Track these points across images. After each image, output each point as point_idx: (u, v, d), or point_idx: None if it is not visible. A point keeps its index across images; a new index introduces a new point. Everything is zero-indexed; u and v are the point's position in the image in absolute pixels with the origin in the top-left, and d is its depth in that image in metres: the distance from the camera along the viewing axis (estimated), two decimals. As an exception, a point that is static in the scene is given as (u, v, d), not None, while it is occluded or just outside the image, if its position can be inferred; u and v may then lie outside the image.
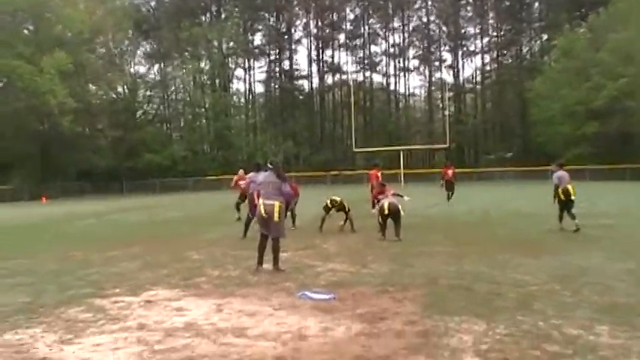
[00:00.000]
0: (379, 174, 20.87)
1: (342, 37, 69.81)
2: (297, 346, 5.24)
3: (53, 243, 14.60)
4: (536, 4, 66.96)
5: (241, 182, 16.88)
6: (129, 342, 5.50)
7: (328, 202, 14.93)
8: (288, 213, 14.04)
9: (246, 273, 9.05)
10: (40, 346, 5.47)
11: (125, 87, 59.25)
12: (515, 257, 9.79)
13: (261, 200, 9.17)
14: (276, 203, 8.96)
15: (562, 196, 13.75)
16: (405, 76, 70.81)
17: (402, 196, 14.57)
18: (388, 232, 12.75)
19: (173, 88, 63.20)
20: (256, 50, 68.53)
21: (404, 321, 5.95)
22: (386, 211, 12.64)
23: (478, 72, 70.19)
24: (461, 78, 69.46)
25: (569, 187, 13.75)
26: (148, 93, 61.83)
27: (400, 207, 12.82)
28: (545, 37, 64.04)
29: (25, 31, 49.11)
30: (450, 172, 24.08)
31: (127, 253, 11.78)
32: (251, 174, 13.93)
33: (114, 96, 57.88)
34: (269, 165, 9.66)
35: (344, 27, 69.90)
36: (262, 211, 9.00)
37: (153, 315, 6.54)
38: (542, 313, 6.12)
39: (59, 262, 10.96)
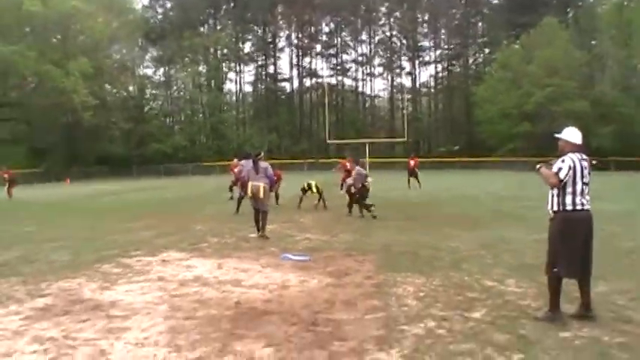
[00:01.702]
0: (347, 164, 20.39)
1: (318, 47, 69.36)
2: (280, 293, 5.75)
3: (81, 216, 14.78)
4: (480, 23, 67.30)
5: (235, 169, 17.18)
6: (152, 289, 5.96)
7: (305, 184, 15.36)
8: (273, 193, 14.49)
9: (239, 240, 9.45)
10: (86, 291, 5.93)
11: (135, 87, 58.92)
12: (454, 230, 10.19)
13: (250, 182, 9.66)
14: (261, 184, 9.50)
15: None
16: (371, 81, 70.77)
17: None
18: (353, 210, 13.19)
19: (175, 87, 62.25)
20: (246, 57, 67.93)
21: (363, 276, 6.47)
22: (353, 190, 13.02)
23: (432, 78, 70.45)
24: (417, 83, 69.81)
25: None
26: (154, 92, 61.10)
27: (352, 187, 13.03)
28: (487, 51, 64.27)
29: (54, 40, 48.73)
30: (412, 162, 24.17)
31: (143, 224, 12.08)
32: (243, 161, 14.27)
33: (126, 94, 57.43)
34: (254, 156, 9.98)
35: (320, 38, 69.42)
36: (250, 191, 9.57)
37: (168, 270, 6.96)
38: (468, 271, 6.66)
39: (89, 230, 11.27)
